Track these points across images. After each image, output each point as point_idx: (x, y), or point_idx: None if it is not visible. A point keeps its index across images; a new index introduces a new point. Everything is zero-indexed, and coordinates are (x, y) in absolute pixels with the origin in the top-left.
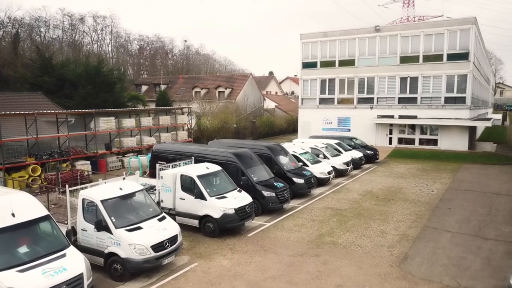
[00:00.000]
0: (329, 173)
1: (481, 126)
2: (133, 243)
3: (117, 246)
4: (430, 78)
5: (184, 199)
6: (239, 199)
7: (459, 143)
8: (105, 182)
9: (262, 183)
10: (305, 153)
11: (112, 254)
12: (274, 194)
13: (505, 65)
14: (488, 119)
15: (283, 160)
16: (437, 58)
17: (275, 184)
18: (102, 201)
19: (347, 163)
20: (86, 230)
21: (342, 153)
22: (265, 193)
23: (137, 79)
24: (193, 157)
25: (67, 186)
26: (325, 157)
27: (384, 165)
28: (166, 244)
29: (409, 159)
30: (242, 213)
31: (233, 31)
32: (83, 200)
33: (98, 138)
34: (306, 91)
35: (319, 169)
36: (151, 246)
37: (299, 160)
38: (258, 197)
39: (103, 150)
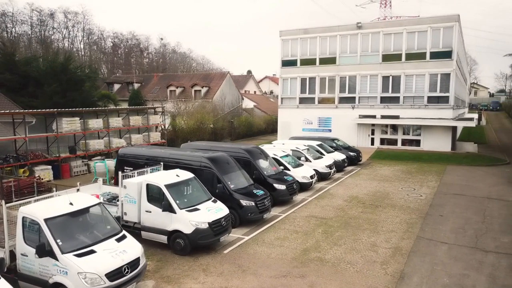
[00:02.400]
0: (311, 177)
1: (460, 126)
2: (83, 271)
3: (64, 275)
4: (413, 77)
5: (150, 211)
6: (214, 211)
7: (442, 144)
8: (57, 195)
9: (240, 191)
10: (286, 156)
11: (58, 285)
12: (253, 203)
13: (479, 65)
14: (471, 119)
15: (263, 164)
16: (420, 56)
17: (255, 191)
18: (46, 220)
19: (330, 166)
20: (26, 255)
21: (324, 155)
22: (244, 202)
23: (110, 77)
24: (162, 163)
25: (3, 201)
26: (307, 159)
27: (368, 167)
28: (125, 270)
29: (392, 161)
30: (217, 227)
31: (210, 30)
32: (24, 218)
33: (61, 140)
34: (285, 90)
35: (301, 173)
36: (106, 274)
37: (280, 163)
38: (236, 207)
39: (67, 153)
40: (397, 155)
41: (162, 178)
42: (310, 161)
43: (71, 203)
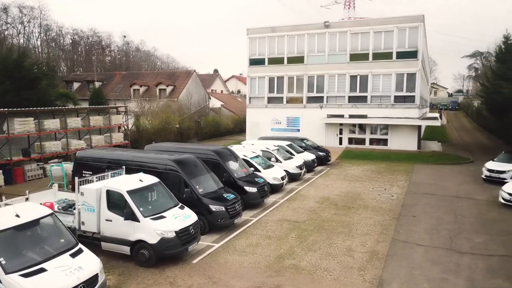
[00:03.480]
0: (282, 178)
1: (424, 125)
2: None
3: None
4: (380, 77)
5: (111, 220)
6: (181, 218)
7: (409, 143)
8: (3, 204)
9: (209, 195)
10: (256, 156)
11: None
12: (223, 208)
13: (438, 66)
14: (436, 118)
15: (233, 166)
16: (387, 56)
17: (225, 195)
18: None
19: (300, 167)
20: None
21: (294, 155)
22: (213, 207)
23: (69, 76)
24: (124, 167)
25: None
26: (277, 160)
27: (337, 167)
28: None
29: (361, 160)
30: (185, 236)
31: (174, 28)
32: None
33: (13, 142)
34: (253, 89)
35: (272, 175)
36: None
37: (250, 165)
38: (205, 213)
39: (20, 156)
40: (365, 155)
41: (123, 183)
42: (281, 162)
43: (17, 215)
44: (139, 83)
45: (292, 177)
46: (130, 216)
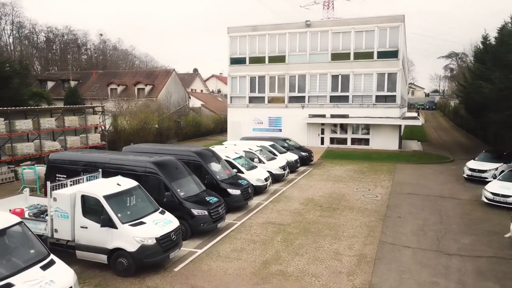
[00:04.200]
0: (266, 179)
1: (404, 124)
2: None
3: None
4: (361, 76)
5: (86, 227)
6: (162, 223)
7: (390, 143)
8: None
9: (191, 198)
10: (239, 157)
11: None
12: (206, 212)
13: (415, 66)
14: (416, 118)
15: (216, 167)
16: (368, 55)
17: (207, 199)
18: None
19: (283, 167)
20: None
21: (277, 156)
22: (195, 211)
23: (43, 74)
24: (100, 170)
25: None
26: (260, 161)
27: (320, 167)
28: None
29: (343, 160)
30: (167, 243)
31: (153, 27)
32: None
33: None
34: (235, 89)
35: (256, 176)
36: None
37: (232, 166)
38: (186, 217)
39: None
40: (347, 154)
41: (100, 187)
42: (264, 163)
43: None
44: (117, 82)
45: (276, 178)
46: (107, 222)
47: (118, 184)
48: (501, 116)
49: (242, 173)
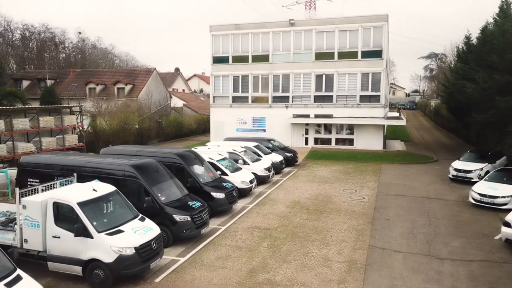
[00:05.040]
0: (251, 181)
1: (387, 124)
2: None
3: None
4: (346, 76)
5: (59, 237)
6: (142, 231)
7: (375, 143)
8: None
9: (173, 203)
10: (223, 159)
11: None
12: (189, 218)
13: (396, 67)
14: (400, 118)
15: (199, 170)
16: (352, 55)
17: (190, 203)
18: None
19: (268, 169)
20: None
21: (262, 157)
22: (177, 217)
23: (18, 73)
24: (75, 174)
25: None
26: (244, 162)
27: (305, 168)
28: None
29: (328, 161)
30: (147, 252)
31: (134, 25)
32: None
33: None
34: (217, 88)
35: (240, 178)
36: None
37: (216, 168)
38: (168, 223)
39: None
40: (332, 155)
41: (74, 193)
42: (248, 164)
43: None
44: (96, 81)
45: (261, 180)
46: (82, 231)
47: (94, 189)
48: (484, 116)
49: (226, 175)
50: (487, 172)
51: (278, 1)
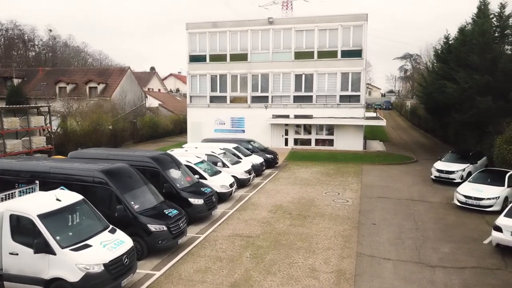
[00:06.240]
0: (231, 185)
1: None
2: None
3: None
4: (325, 76)
5: (17, 254)
6: (112, 245)
7: (355, 143)
8: None
9: (147, 212)
10: (201, 162)
11: None
12: (165, 227)
13: (372, 67)
14: (380, 118)
15: (175, 174)
16: (332, 54)
17: (166, 211)
18: None
19: (249, 171)
20: None
21: (242, 159)
22: (152, 227)
23: None
24: (37, 181)
25: None
26: (224, 165)
27: (285, 169)
28: None
29: (308, 162)
30: (118, 268)
31: (107, 23)
32: None
33: None
34: (194, 87)
35: (220, 182)
36: None
37: (194, 172)
38: (142, 234)
39: None
40: (312, 156)
41: (34, 204)
42: (228, 167)
43: None
44: (66, 80)
45: (241, 183)
46: (43, 247)
47: (57, 199)
48: (464, 116)
49: (205, 179)
50: (469, 172)
51: (256, 1)
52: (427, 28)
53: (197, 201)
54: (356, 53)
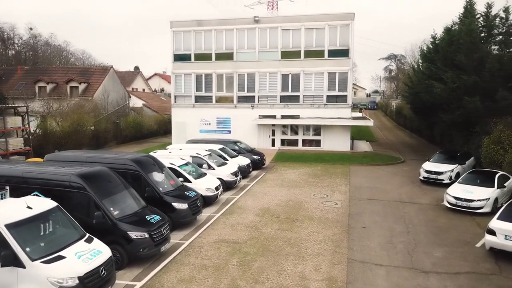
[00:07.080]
0: (217, 188)
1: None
2: None
3: None
4: (312, 75)
5: None
6: (88, 256)
7: (342, 144)
8: None
9: (128, 218)
10: (186, 164)
11: None
12: (147, 235)
13: (358, 67)
14: (367, 118)
15: (158, 177)
16: (319, 54)
17: (148, 217)
18: None
19: (235, 173)
20: None
21: (228, 160)
22: (133, 234)
23: None
24: (7, 187)
25: None
26: (209, 167)
27: (273, 171)
28: None
29: (295, 163)
30: (94, 281)
31: (90, 21)
32: None
33: None
34: (179, 87)
35: (205, 185)
36: None
37: (178, 175)
38: (122, 242)
39: None
40: (299, 156)
41: (2, 213)
42: (214, 169)
43: None
44: (46, 79)
45: (227, 186)
46: (11, 260)
47: (28, 206)
48: (451, 116)
49: (190, 182)
50: (458, 173)
51: (241, 1)
52: (412, 30)
53: (181, 206)
54: (343, 53)
